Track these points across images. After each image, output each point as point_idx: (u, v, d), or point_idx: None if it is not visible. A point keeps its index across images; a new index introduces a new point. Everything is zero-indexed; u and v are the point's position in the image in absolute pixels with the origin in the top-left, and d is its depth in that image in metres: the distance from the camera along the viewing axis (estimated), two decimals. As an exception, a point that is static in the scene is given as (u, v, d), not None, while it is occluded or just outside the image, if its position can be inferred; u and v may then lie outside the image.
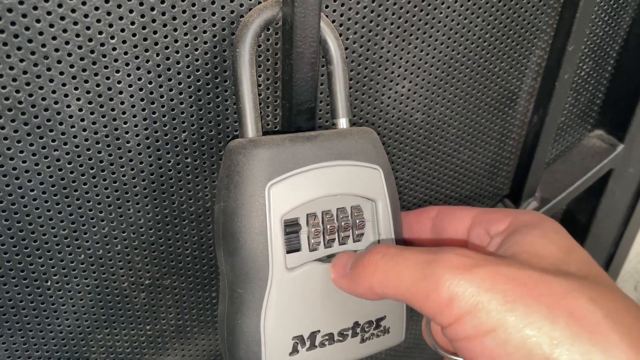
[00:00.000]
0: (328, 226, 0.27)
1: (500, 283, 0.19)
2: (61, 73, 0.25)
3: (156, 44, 0.27)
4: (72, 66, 0.25)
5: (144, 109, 0.28)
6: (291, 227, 0.26)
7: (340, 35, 0.31)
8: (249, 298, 0.25)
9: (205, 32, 0.27)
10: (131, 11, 0.25)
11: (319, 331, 0.27)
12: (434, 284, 0.20)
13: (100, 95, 0.27)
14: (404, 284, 0.21)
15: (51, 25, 0.24)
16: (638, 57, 0.44)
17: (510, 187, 0.46)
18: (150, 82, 0.27)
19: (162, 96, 0.28)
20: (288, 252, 0.26)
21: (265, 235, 0.25)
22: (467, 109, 0.40)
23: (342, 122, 0.29)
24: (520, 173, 0.44)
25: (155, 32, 0.26)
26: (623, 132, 0.47)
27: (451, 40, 0.36)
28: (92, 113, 0.27)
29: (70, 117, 0.27)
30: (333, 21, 0.31)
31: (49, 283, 0.31)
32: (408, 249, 0.23)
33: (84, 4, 0.24)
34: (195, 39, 0.27)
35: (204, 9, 0.27)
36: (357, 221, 0.28)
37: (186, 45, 0.27)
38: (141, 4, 0.25)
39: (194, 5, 0.26)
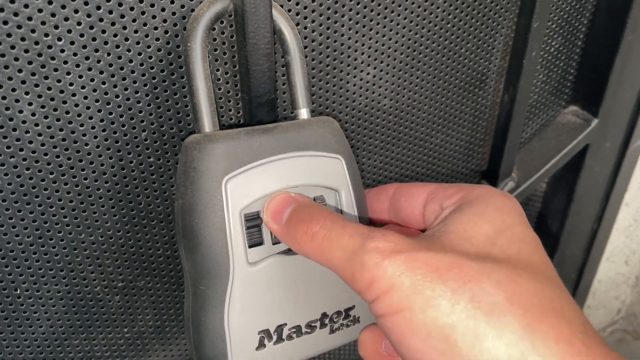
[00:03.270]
0: (291, 218, 0.27)
1: (415, 267, 0.21)
2: (9, 78, 0.25)
3: (106, 43, 0.26)
4: (20, 71, 0.25)
5: (99, 110, 0.28)
6: (252, 221, 0.26)
7: (298, 24, 0.31)
8: (211, 295, 0.25)
9: (156, 28, 0.27)
10: (76, 11, 0.25)
11: (285, 324, 0.26)
12: (359, 267, 0.22)
13: (52, 99, 0.26)
14: (335, 261, 0.23)
15: (-6, 30, 0.24)
16: (607, 31, 0.44)
17: (486, 169, 0.46)
18: (103, 83, 0.27)
19: (117, 96, 0.28)
20: (250, 246, 0.26)
21: (224, 230, 0.24)
22: (437, 92, 0.39)
23: (303, 113, 0.29)
24: (496, 154, 0.44)
25: (103, 32, 0.26)
26: (597, 106, 0.46)
27: (414, 23, 0.35)
28: (45, 117, 0.27)
29: (24, 122, 0.26)
30: (288, 10, 0.30)
31: (18, 291, 0.31)
32: (344, 223, 0.24)
33: (26, 6, 0.24)
34: (147, 36, 0.27)
35: (152, 5, 0.26)
36: (321, 211, 0.27)
37: (137, 43, 0.27)
38: (86, 3, 0.25)
39: (141, 1, 0.26)
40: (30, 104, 0.26)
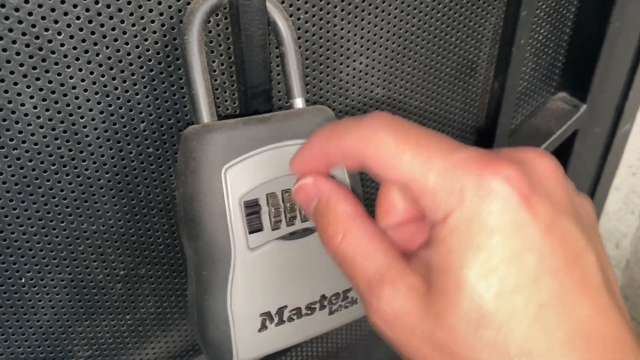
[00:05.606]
0: (288, 204, 0.27)
1: None
2: (11, 72, 0.25)
3: (104, 36, 0.27)
4: (21, 65, 0.25)
5: (99, 103, 0.28)
6: (251, 208, 0.27)
7: (291, 15, 0.32)
8: (214, 280, 0.25)
9: (153, 21, 0.28)
10: (75, 6, 0.25)
11: (286, 306, 0.27)
12: None
13: (53, 92, 0.27)
14: None
15: (-5, 26, 0.24)
16: (594, 18, 0.44)
17: (478, 155, 0.46)
18: (102, 75, 0.28)
19: (116, 88, 0.28)
20: (250, 232, 0.27)
21: (224, 218, 0.25)
22: (428, 80, 0.40)
23: (298, 102, 0.30)
24: (486, 140, 0.45)
25: (102, 25, 0.26)
26: (585, 92, 0.47)
27: (404, 13, 0.36)
28: (47, 110, 0.27)
29: (26, 115, 0.27)
30: (282, 2, 0.31)
31: (22, 280, 0.31)
32: None
33: (26, 2, 0.24)
34: (144, 29, 0.28)
35: (149, -1, 0.27)
36: (317, 197, 0.28)
37: (135, 36, 0.27)
38: (84, -3, 0.25)
39: (138, -5, 0.27)
40: (31, 97, 0.27)
